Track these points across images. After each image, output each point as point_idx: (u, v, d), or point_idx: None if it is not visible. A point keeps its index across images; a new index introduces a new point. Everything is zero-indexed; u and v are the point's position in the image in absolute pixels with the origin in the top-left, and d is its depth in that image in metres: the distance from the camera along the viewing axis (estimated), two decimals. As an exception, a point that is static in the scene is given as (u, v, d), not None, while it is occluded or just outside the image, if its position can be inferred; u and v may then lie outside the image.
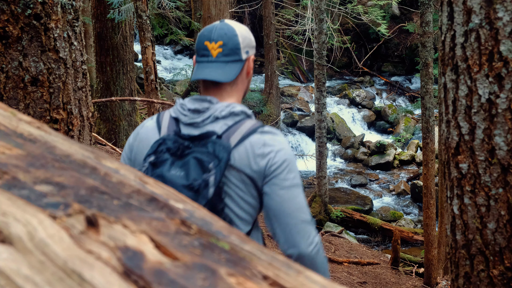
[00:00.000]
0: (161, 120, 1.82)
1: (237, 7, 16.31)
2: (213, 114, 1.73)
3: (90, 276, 0.59)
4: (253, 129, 1.73)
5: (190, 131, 1.74)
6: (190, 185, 1.64)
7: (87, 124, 2.58)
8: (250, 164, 1.69)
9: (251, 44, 1.84)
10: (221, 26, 1.78)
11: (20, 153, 0.79)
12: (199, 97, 1.78)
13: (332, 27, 13.54)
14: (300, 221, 1.69)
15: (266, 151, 1.70)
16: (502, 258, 2.21)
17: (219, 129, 1.72)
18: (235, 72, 1.77)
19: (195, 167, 1.66)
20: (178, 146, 1.72)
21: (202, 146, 1.70)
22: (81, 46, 2.53)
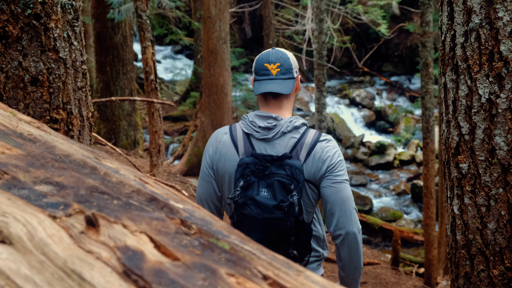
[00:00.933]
0: (235, 136, 2.21)
1: (237, 7, 16.31)
2: (280, 130, 2.16)
3: (90, 276, 0.59)
4: (314, 141, 2.18)
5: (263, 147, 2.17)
6: (279, 206, 2.08)
7: (87, 124, 2.58)
8: (316, 173, 2.16)
9: (297, 66, 2.31)
10: (275, 51, 2.26)
11: (20, 153, 0.79)
12: (265, 114, 2.19)
13: (332, 27, 13.54)
14: (351, 208, 2.15)
15: (325, 157, 2.16)
16: (502, 258, 2.21)
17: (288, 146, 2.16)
18: (291, 86, 2.21)
19: (279, 189, 2.10)
20: (260, 168, 2.12)
21: (279, 167, 2.13)
22: (81, 46, 2.53)
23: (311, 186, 2.17)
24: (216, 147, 2.22)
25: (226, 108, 8.68)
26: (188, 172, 8.84)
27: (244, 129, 2.19)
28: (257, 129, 2.17)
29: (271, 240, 2.11)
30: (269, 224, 2.12)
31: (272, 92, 2.19)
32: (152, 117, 5.55)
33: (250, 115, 2.21)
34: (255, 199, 2.09)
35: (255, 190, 2.10)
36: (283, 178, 2.10)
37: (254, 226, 2.13)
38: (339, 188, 2.14)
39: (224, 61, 8.51)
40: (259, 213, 2.11)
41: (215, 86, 8.53)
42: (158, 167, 5.65)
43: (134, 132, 10.29)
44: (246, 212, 2.12)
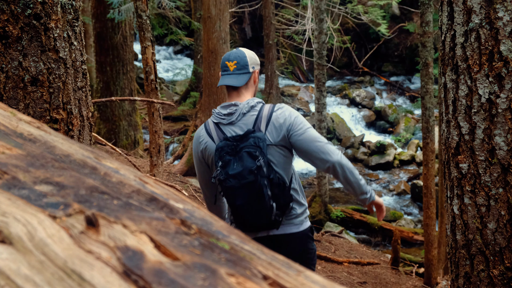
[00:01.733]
0: (209, 128, 2.70)
1: (237, 7, 16.31)
2: (240, 112, 2.64)
3: (90, 276, 0.59)
4: (270, 112, 2.64)
5: (231, 130, 2.64)
6: (249, 170, 2.51)
7: (87, 124, 2.58)
8: (278, 135, 2.60)
9: (256, 62, 2.77)
10: (236, 51, 2.75)
11: (20, 153, 0.79)
12: (226, 104, 2.68)
13: (332, 27, 13.54)
14: (322, 144, 2.57)
15: (282, 120, 2.61)
16: (502, 258, 2.21)
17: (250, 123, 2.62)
18: (245, 79, 2.70)
19: (247, 158, 2.53)
20: (232, 147, 2.58)
21: (246, 141, 2.56)
22: (81, 46, 2.53)
23: (278, 148, 2.63)
24: (199, 142, 2.73)
25: (226, 108, 8.68)
26: (188, 172, 8.84)
27: (214, 120, 2.70)
28: (223, 116, 2.67)
29: (252, 199, 2.56)
30: (247, 188, 2.55)
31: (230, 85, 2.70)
32: (152, 117, 5.55)
33: (217, 108, 2.71)
34: (231, 172, 2.54)
35: (230, 165, 2.56)
36: (249, 148, 2.55)
37: (236, 194, 2.58)
38: (305, 136, 2.59)
39: (224, 61, 8.51)
40: (236, 183, 2.55)
41: (215, 86, 8.53)
42: (158, 167, 5.65)
43: (134, 132, 10.29)
44: (226, 185, 2.57)
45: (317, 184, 10.14)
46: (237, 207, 2.62)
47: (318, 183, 10.11)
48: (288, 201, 2.65)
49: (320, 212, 10.03)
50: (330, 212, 10.13)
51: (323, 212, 10.07)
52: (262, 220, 2.62)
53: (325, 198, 10.14)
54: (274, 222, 2.64)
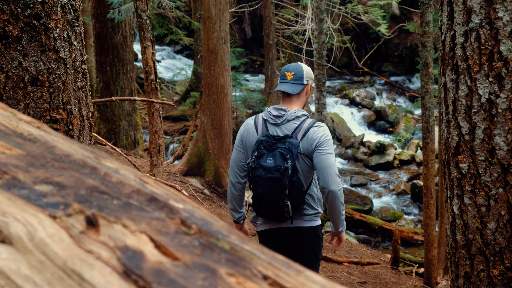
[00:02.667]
0: (257, 122, 3.17)
1: (237, 7, 16.31)
2: (286, 118, 3.10)
3: (90, 276, 0.59)
4: (309, 126, 3.08)
5: (274, 130, 3.09)
6: (278, 168, 2.97)
7: (87, 124, 2.58)
8: (308, 148, 3.03)
9: (310, 76, 3.22)
10: (295, 64, 3.23)
11: (20, 153, 0.79)
12: (278, 107, 3.15)
13: (332, 27, 13.54)
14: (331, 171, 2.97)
15: (315, 137, 3.03)
16: (502, 258, 2.21)
17: (291, 129, 3.07)
18: (299, 89, 3.15)
19: (279, 158, 2.99)
20: (269, 143, 3.04)
21: (282, 143, 3.02)
22: (81, 46, 2.53)
23: (305, 158, 3.06)
24: (245, 128, 3.20)
25: (226, 108, 8.68)
26: (188, 172, 8.84)
27: (264, 116, 3.16)
28: (272, 117, 3.13)
29: (271, 192, 3.01)
30: (270, 182, 3.00)
31: (285, 91, 3.15)
32: (152, 117, 5.55)
33: (269, 108, 3.18)
34: (262, 165, 3.01)
35: (264, 158, 3.02)
36: (283, 150, 3.00)
37: (261, 183, 3.04)
38: (324, 158, 3.00)
39: (224, 61, 8.51)
40: (264, 174, 3.01)
41: (215, 86, 8.53)
42: (158, 167, 5.65)
43: (134, 132, 10.29)
44: (256, 173, 3.04)
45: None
46: (257, 194, 3.07)
47: (318, 183, 10.10)
48: (301, 203, 3.09)
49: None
50: (330, 212, 10.12)
51: (323, 212, 10.07)
52: (274, 212, 3.06)
53: (325, 198, 10.13)
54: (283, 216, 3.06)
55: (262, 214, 3.12)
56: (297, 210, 3.08)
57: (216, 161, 8.76)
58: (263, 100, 13.96)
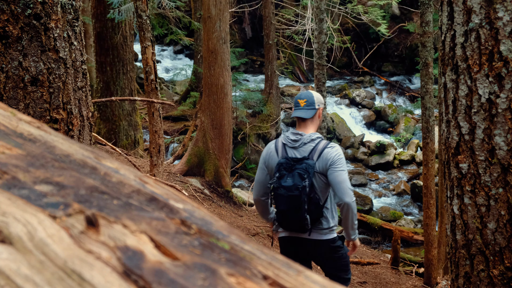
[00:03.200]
0: (277, 145, 3.57)
1: (237, 7, 16.31)
2: (302, 141, 3.50)
3: (90, 276, 0.59)
4: (324, 147, 3.47)
5: (292, 152, 3.50)
6: (296, 186, 3.39)
7: (87, 124, 2.58)
8: (323, 166, 3.44)
9: (321, 101, 3.61)
10: (306, 92, 3.63)
11: (20, 153, 0.79)
12: (294, 132, 3.55)
13: (332, 27, 13.54)
14: (344, 186, 3.37)
15: (329, 157, 3.43)
16: (502, 258, 2.21)
17: (307, 151, 3.47)
18: (312, 113, 3.54)
19: (298, 177, 3.40)
20: (289, 165, 3.45)
21: (300, 164, 3.43)
22: (81, 46, 2.53)
23: (321, 176, 3.47)
24: (267, 152, 3.61)
25: (226, 108, 8.68)
26: (188, 172, 8.84)
27: (283, 141, 3.58)
28: (290, 141, 3.54)
29: (292, 208, 3.45)
30: (291, 199, 3.42)
31: (300, 117, 3.54)
32: (152, 117, 5.55)
33: (287, 133, 3.62)
34: (283, 185, 3.42)
35: (284, 178, 3.44)
36: (300, 171, 3.42)
37: (282, 201, 3.46)
38: (337, 175, 3.40)
39: (224, 61, 8.51)
40: (285, 192, 3.42)
41: (215, 86, 8.53)
42: (158, 167, 5.65)
43: (134, 132, 10.29)
44: (278, 192, 3.46)
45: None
46: (280, 210, 3.52)
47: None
48: (318, 216, 3.51)
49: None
50: (330, 212, 10.12)
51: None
52: (296, 225, 3.51)
53: (325, 198, 10.13)
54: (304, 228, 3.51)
55: (285, 227, 3.57)
56: (316, 222, 3.52)
57: (216, 161, 8.76)
58: (263, 100, 13.96)
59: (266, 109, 13.90)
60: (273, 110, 14.06)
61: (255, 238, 7.42)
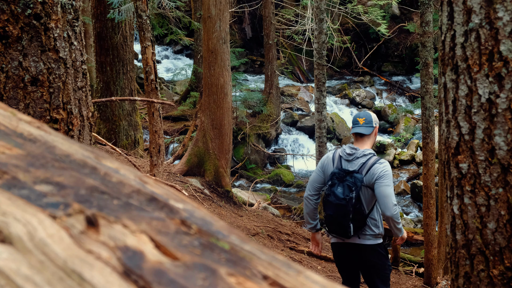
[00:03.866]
0: (334, 156, 4.00)
1: (237, 7, 16.31)
2: (356, 156, 3.91)
3: (90, 276, 0.59)
4: (373, 163, 3.87)
5: (346, 164, 3.92)
6: (345, 198, 3.79)
7: (87, 124, 2.58)
8: (370, 180, 3.84)
9: (376, 121, 4.06)
10: (364, 111, 4.10)
11: (20, 153, 0.79)
12: (351, 146, 3.97)
13: (332, 27, 13.54)
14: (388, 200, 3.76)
15: (376, 172, 3.83)
16: (502, 258, 2.21)
17: (358, 165, 3.89)
18: (370, 131, 3.97)
19: (347, 188, 3.81)
20: (341, 176, 3.86)
21: (350, 177, 3.83)
22: (81, 46, 2.53)
23: (368, 189, 3.86)
24: (326, 160, 4.07)
25: (226, 108, 8.68)
26: (188, 172, 8.84)
27: (340, 153, 4.00)
28: (345, 154, 3.96)
29: (338, 216, 3.84)
30: (338, 207, 3.83)
31: (358, 133, 3.98)
32: (152, 117, 5.55)
33: (345, 146, 4.00)
34: (334, 192, 3.85)
35: (335, 187, 3.86)
36: (349, 183, 3.82)
37: (330, 207, 3.88)
38: (382, 189, 3.79)
39: (224, 61, 8.50)
40: (334, 200, 3.85)
41: (215, 86, 8.53)
42: (158, 167, 5.65)
43: (134, 132, 10.29)
44: (328, 198, 3.90)
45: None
46: (327, 215, 3.95)
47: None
48: (361, 226, 3.89)
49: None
50: (330, 212, 10.11)
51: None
52: (340, 230, 3.89)
53: (325, 198, 10.13)
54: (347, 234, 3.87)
55: (331, 231, 3.99)
56: (359, 230, 3.91)
57: (216, 161, 8.76)
58: (263, 100, 13.96)
59: (266, 109, 13.90)
60: (273, 110, 14.06)
61: (255, 238, 7.42)
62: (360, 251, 3.95)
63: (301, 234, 8.48)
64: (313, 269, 6.80)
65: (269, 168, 13.80)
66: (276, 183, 12.69)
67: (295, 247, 7.77)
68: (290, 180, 12.86)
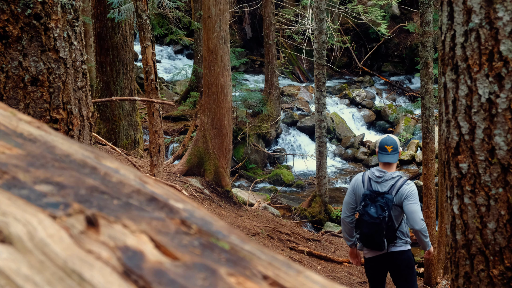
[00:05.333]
0: (364, 179, 4.43)
1: (237, 6, 16.31)
2: (385, 178, 4.37)
3: (90, 276, 0.59)
4: (401, 184, 4.34)
5: (376, 186, 4.37)
6: (378, 217, 4.25)
7: (87, 124, 2.58)
8: (399, 200, 4.31)
9: (399, 145, 4.46)
10: (390, 138, 4.47)
11: (20, 153, 0.79)
12: (380, 169, 4.41)
13: (332, 27, 13.54)
14: (416, 216, 4.24)
15: (404, 192, 4.31)
16: (502, 258, 2.21)
17: (387, 187, 4.36)
18: (396, 158, 4.44)
19: (379, 209, 4.26)
20: (372, 197, 4.31)
21: (381, 198, 4.29)
22: (81, 46, 2.53)
23: (397, 207, 4.35)
24: (356, 182, 4.50)
25: (226, 108, 8.68)
26: (188, 172, 8.83)
27: (369, 175, 4.46)
28: (375, 176, 4.42)
29: (373, 232, 4.32)
30: (373, 225, 4.30)
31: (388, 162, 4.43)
32: (152, 117, 5.55)
33: (373, 169, 4.48)
34: (367, 212, 4.31)
35: (368, 207, 4.32)
36: (382, 204, 4.30)
37: (366, 225, 4.33)
38: (410, 206, 4.28)
39: (224, 61, 8.51)
40: (368, 219, 4.30)
41: (215, 86, 8.53)
42: (158, 167, 5.65)
43: (134, 132, 10.29)
44: (363, 218, 4.34)
45: (317, 184, 10.14)
46: (363, 232, 4.38)
47: (318, 183, 10.11)
48: (393, 239, 4.40)
49: (320, 212, 10.03)
50: (330, 212, 10.13)
51: (323, 212, 10.06)
52: (375, 245, 4.38)
53: (325, 198, 10.14)
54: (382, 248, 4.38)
55: (367, 245, 4.44)
56: (391, 243, 4.41)
57: (216, 161, 8.76)
58: (263, 100, 13.96)
59: (266, 109, 13.90)
60: (273, 110, 14.06)
61: (255, 238, 7.42)
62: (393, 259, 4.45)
63: (301, 234, 8.48)
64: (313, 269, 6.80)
65: (269, 168, 13.80)
66: (276, 183, 12.70)
67: (295, 247, 7.78)
68: (290, 180, 12.86)
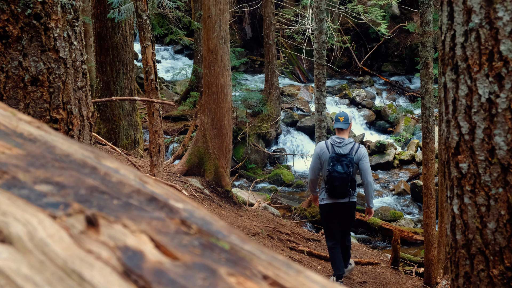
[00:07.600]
0: (328, 145, 5.99)
1: (237, 6, 16.31)
2: (344, 143, 5.94)
3: (90, 276, 0.59)
4: (358, 147, 5.97)
5: (338, 150, 5.94)
6: (346, 172, 5.87)
7: (87, 124, 2.58)
8: (357, 159, 5.93)
9: (351, 119, 6.57)
10: (343, 112, 6.27)
11: (20, 152, 0.79)
12: (339, 137, 5.99)
13: (332, 27, 13.54)
14: (368, 172, 5.96)
15: (360, 153, 5.95)
16: (502, 258, 2.21)
17: (348, 150, 5.94)
18: (347, 126, 6.01)
19: (345, 166, 5.88)
20: (338, 157, 5.90)
21: (345, 158, 5.89)
22: (81, 45, 2.53)
23: (355, 165, 5.83)
24: (321, 149, 6.00)
25: (226, 107, 8.68)
26: (188, 171, 8.83)
27: (331, 142, 5.94)
28: (336, 142, 5.90)
29: (342, 184, 5.82)
30: (341, 179, 5.81)
31: (340, 128, 5.94)
32: (152, 117, 5.55)
33: (333, 137, 5.97)
34: (336, 170, 5.81)
35: (336, 166, 5.81)
36: (346, 162, 5.80)
37: (336, 179, 5.82)
38: (365, 164, 5.88)
39: (224, 61, 8.50)
40: (337, 175, 5.80)
41: (215, 86, 8.53)
42: (158, 167, 5.65)
43: (134, 132, 10.29)
44: (333, 174, 5.82)
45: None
46: (334, 186, 5.84)
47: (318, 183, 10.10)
48: (354, 188, 5.91)
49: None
50: (330, 212, 10.10)
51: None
52: (344, 194, 5.89)
53: (325, 198, 10.12)
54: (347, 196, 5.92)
55: (335, 196, 5.91)
56: (353, 192, 5.91)
57: (216, 161, 8.75)
58: (263, 100, 13.96)
59: (266, 109, 13.89)
60: (273, 110, 14.05)
61: (255, 238, 7.42)
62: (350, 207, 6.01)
63: (301, 234, 8.48)
64: (313, 269, 6.80)
65: (269, 168, 13.80)
66: (276, 183, 12.70)
67: (295, 247, 7.78)
68: (290, 180, 12.86)
